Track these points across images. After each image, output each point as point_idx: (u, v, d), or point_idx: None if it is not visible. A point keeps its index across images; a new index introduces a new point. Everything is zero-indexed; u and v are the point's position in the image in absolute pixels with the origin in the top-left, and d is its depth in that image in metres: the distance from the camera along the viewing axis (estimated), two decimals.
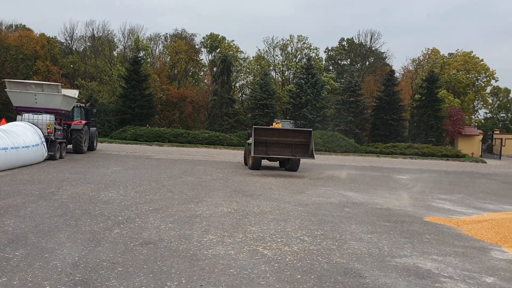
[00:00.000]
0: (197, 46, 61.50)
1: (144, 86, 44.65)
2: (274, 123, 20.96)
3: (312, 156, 18.02)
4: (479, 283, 5.63)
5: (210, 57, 63.18)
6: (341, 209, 10.72)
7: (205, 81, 64.66)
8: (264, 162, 20.68)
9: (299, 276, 5.52)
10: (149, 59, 57.51)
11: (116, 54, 57.99)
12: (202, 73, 66.23)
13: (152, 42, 60.65)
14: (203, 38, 61.35)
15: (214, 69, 55.87)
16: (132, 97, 42.70)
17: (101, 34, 56.55)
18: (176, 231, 7.48)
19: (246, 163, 20.94)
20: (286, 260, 6.16)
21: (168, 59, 59.94)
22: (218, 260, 5.99)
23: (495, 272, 6.14)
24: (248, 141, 21.43)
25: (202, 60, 62.87)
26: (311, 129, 19.00)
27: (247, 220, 8.70)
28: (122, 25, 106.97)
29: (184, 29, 64.54)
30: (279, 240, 7.27)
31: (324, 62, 65.06)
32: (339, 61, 70.00)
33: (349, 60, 68.63)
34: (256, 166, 18.86)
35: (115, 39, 57.67)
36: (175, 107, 51.25)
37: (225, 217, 8.83)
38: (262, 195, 12.15)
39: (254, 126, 18.73)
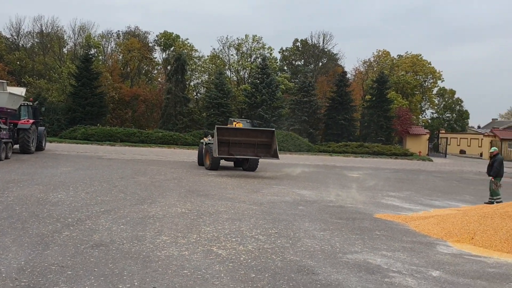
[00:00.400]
0: (150, 44, 60.45)
1: (96, 84, 43.42)
2: (234, 123, 20.55)
3: (276, 156, 17.92)
4: (425, 277, 5.86)
5: (164, 55, 62.30)
6: (295, 207, 10.87)
7: (159, 79, 63.66)
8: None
9: (254, 275, 5.55)
10: (100, 57, 55.95)
11: (66, 51, 56.02)
12: (155, 71, 65.22)
13: (104, 39, 59.03)
14: (157, 36, 60.40)
15: (168, 67, 55.12)
16: (83, 96, 41.43)
17: (50, 30, 54.47)
18: (128, 233, 7.33)
19: (200, 163, 20.62)
20: (240, 260, 6.18)
21: (120, 57, 58.58)
22: (172, 261, 5.92)
23: (441, 266, 6.42)
24: (202, 141, 21.18)
25: (155, 58, 61.92)
26: (273, 129, 18.88)
27: (202, 220, 8.66)
28: (73, 22, 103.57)
29: (137, 26, 63.07)
30: (234, 239, 7.28)
31: (278, 62, 65.64)
32: (293, 62, 70.82)
33: (303, 60, 69.56)
34: (215, 166, 18.57)
35: (65, 36, 55.72)
36: (128, 106, 50.14)
37: (179, 218, 8.74)
38: (217, 194, 12.12)
39: (217, 126, 18.23)
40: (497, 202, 12.44)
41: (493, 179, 13.08)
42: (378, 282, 5.55)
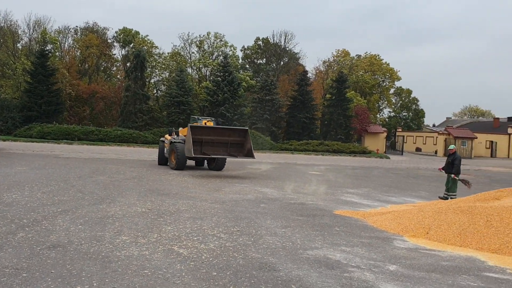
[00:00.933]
0: (109, 41, 59.09)
1: (52, 81, 42.05)
2: (204, 121, 19.63)
3: (251, 155, 17.43)
4: (383, 271, 6.04)
5: (123, 52, 61.13)
6: (257, 205, 10.92)
7: (118, 76, 62.36)
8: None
9: (215, 273, 5.56)
10: (57, 53, 54.23)
11: (20, 47, 53.96)
12: (115, 68, 63.86)
13: (61, 35, 57.27)
14: (116, 32, 59.14)
15: (128, 64, 54.09)
16: (39, 93, 40.02)
17: (3, 25, 52.29)
18: (86, 233, 7.17)
19: (161, 163, 20.22)
20: (202, 258, 6.17)
21: (78, 53, 56.99)
22: (132, 261, 5.84)
23: (397, 260, 6.62)
24: (162, 139, 20.74)
25: (115, 55, 60.64)
26: (247, 128, 18.45)
27: (162, 219, 8.57)
28: (27, 16, 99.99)
29: (95, 22, 61.88)
30: (195, 238, 7.26)
31: (240, 60, 65.68)
32: (255, 60, 71.02)
33: (264, 59, 69.87)
34: (181, 166, 18.07)
35: (19, 31, 53.65)
36: (86, 103, 48.87)
37: (139, 217, 8.62)
38: (178, 193, 12.02)
39: (190, 124, 17.36)
40: (451, 198, 12.94)
41: (455, 177, 13.57)
42: (337, 277, 5.67)
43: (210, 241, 7.10)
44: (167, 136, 20.48)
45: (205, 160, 20.03)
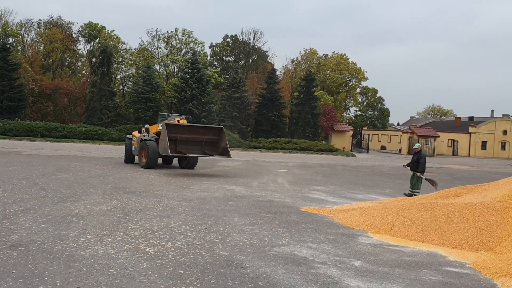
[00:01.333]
0: (74, 35, 57.73)
1: (14, 76, 40.75)
2: (177, 119, 18.74)
3: (227, 154, 17.25)
4: (348, 267, 6.15)
5: (88, 47, 59.84)
6: (225, 202, 10.91)
7: (83, 72, 60.98)
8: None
9: (182, 272, 5.53)
10: (19, 47, 52.57)
11: None
12: (80, 63, 62.41)
13: (24, 28, 55.54)
14: (81, 26, 57.84)
15: (93, 59, 52.95)
16: (0, 88, 38.67)
17: None
18: (50, 232, 7.00)
19: (128, 161, 19.60)
20: (168, 257, 6.12)
21: (41, 48, 55.39)
22: (97, 260, 5.75)
23: (362, 256, 6.76)
24: (129, 136, 20.24)
25: (80, 50, 59.31)
26: (222, 127, 18.18)
27: (128, 217, 8.45)
28: None
29: (60, 16, 60.16)
30: (162, 236, 7.19)
31: (209, 57, 65.35)
32: (224, 57, 70.81)
33: (233, 56, 69.76)
34: (153, 164, 17.62)
35: None
36: (49, 99, 47.57)
37: (104, 216, 8.48)
38: (145, 191, 11.88)
39: (165, 122, 16.91)
40: (415, 195, 13.29)
41: (421, 175, 13.91)
42: (303, 273, 5.75)
43: (177, 239, 7.05)
44: (135, 133, 19.85)
45: (176, 158, 19.67)
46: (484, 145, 56.75)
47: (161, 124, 18.12)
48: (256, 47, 67.38)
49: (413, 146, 15.12)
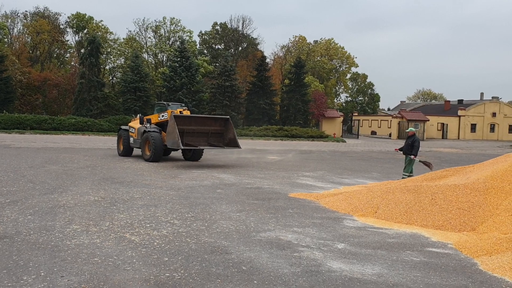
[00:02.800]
0: (62, 26, 57.12)
1: (1, 68, 40.27)
2: (179, 110, 17.38)
3: (235, 145, 16.77)
4: (331, 249, 6.24)
5: (76, 38, 59.29)
6: (213, 190, 10.96)
7: (72, 63, 60.41)
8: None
9: (167, 259, 5.58)
10: (6, 39, 51.88)
11: None
12: (68, 55, 61.80)
13: (10, 20, 54.79)
14: (69, 17, 57.26)
15: (82, 50, 52.45)
16: None
17: None
18: (36, 223, 7.02)
19: (124, 154, 18.61)
20: (154, 245, 6.17)
21: (29, 40, 54.73)
22: (82, 250, 5.78)
23: (346, 238, 6.85)
24: (124, 127, 19.24)
25: (68, 41, 58.74)
26: (228, 117, 17.51)
27: (115, 207, 8.48)
28: None
29: (46, 7, 59.29)
30: (148, 225, 7.23)
31: (198, 46, 64.93)
32: (213, 45, 70.37)
33: (223, 44, 69.34)
34: (158, 157, 16.78)
35: None
36: (38, 92, 47.13)
37: (91, 206, 8.50)
38: (133, 181, 11.89)
39: (173, 114, 16.05)
40: (403, 178, 13.42)
41: (414, 158, 14.05)
42: (287, 257, 5.82)
43: (163, 228, 7.10)
44: (133, 124, 18.72)
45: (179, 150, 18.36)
46: (473, 127, 57.18)
47: (162, 114, 17.59)
48: (246, 34, 67.05)
49: (406, 130, 15.22)
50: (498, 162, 9.58)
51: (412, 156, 14.00)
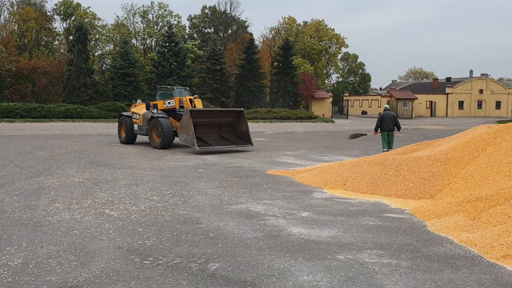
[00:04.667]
0: (49, 13, 56.77)
1: None
2: (187, 97, 16.63)
3: (247, 141, 16.31)
4: (295, 217, 6.74)
5: (64, 25, 59.01)
6: (195, 170, 11.41)
7: (61, 51, 60.18)
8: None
9: (141, 229, 6.05)
10: None
11: None
12: (57, 42, 61.53)
13: None
14: (56, 4, 56.92)
15: (70, 37, 52.30)
16: None
17: None
18: (21, 203, 7.45)
19: (127, 141, 17.91)
20: (131, 218, 6.63)
21: (16, 28, 54.43)
22: (63, 224, 6.24)
23: (311, 208, 7.35)
24: (126, 114, 18.48)
25: (56, 28, 58.42)
26: (242, 109, 16.91)
27: (98, 187, 8.92)
28: None
29: None
30: (128, 202, 7.69)
31: (188, 30, 64.85)
32: (203, 29, 70.19)
33: (212, 28, 69.19)
34: (168, 143, 16.33)
35: None
36: (27, 80, 47.13)
37: (75, 187, 8.93)
38: (118, 164, 12.31)
39: (189, 109, 15.27)
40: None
41: (375, 133, 14.66)
42: (253, 224, 6.31)
43: (141, 203, 7.56)
44: (137, 110, 17.95)
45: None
46: (461, 105, 57.79)
47: (168, 101, 16.97)
48: (235, 17, 66.95)
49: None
50: (465, 135, 10.07)
51: (374, 132, 14.71)
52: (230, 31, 68.32)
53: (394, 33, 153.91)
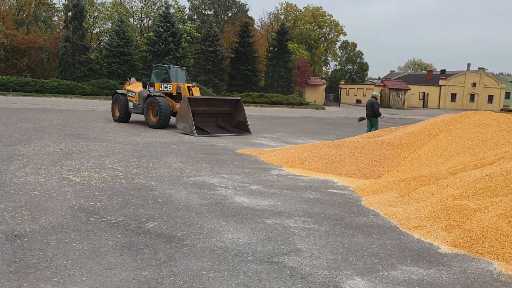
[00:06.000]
0: None
1: None
2: (187, 84, 16.58)
3: (245, 129, 16.21)
4: (244, 189, 7.24)
5: (63, 1, 58.99)
6: (168, 146, 11.89)
7: (60, 27, 60.15)
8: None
9: (97, 193, 6.55)
10: None
11: None
12: (56, 18, 61.50)
13: None
14: None
15: (69, 14, 52.34)
16: None
17: None
18: None
19: (121, 119, 17.71)
20: (91, 184, 7.13)
21: (14, 2, 54.36)
22: (26, 186, 6.73)
23: (263, 182, 7.86)
24: (121, 92, 18.06)
25: (55, 4, 58.38)
26: (239, 98, 16.91)
27: (70, 157, 9.41)
28: None
29: None
30: (93, 170, 8.18)
31: (188, 11, 64.82)
32: (204, 11, 70.06)
33: (213, 10, 69.06)
34: (165, 122, 16.16)
35: None
36: (24, 55, 47.28)
37: (48, 155, 9.42)
38: (96, 137, 12.78)
39: (187, 97, 15.16)
40: None
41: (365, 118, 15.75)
42: (202, 193, 6.82)
43: (105, 172, 8.05)
44: (132, 88, 17.62)
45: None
46: (453, 97, 58.19)
47: (165, 85, 16.80)
48: (236, 0, 66.86)
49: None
50: (424, 122, 10.56)
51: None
52: (230, 14, 68.24)
53: (397, 23, 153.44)
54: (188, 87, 16.45)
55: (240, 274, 3.97)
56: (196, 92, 16.67)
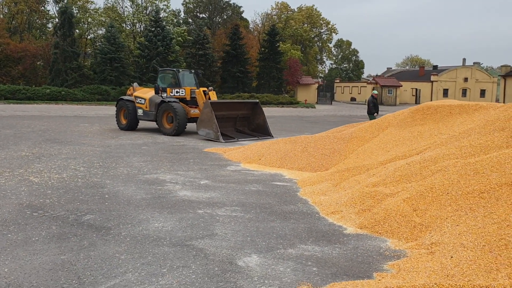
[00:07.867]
0: None
1: None
2: (202, 88, 16.22)
3: (266, 133, 15.87)
4: (192, 184, 7.69)
5: (56, 8, 59.48)
6: (139, 147, 12.32)
7: (52, 34, 60.77)
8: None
9: (50, 191, 7.01)
10: None
11: None
12: (50, 25, 62.09)
13: None
14: None
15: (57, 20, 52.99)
16: None
17: None
18: None
19: (129, 127, 16.95)
20: (48, 184, 7.58)
21: (6, 11, 55.02)
22: None
23: (214, 177, 8.30)
24: (127, 98, 17.33)
25: (49, 11, 59.00)
26: (257, 101, 16.59)
27: (38, 160, 9.87)
28: None
29: None
30: (55, 171, 8.64)
31: (182, 15, 65.43)
32: (198, 14, 70.62)
33: (207, 13, 69.65)
34: (182, 129, 15.63)
35: None
36: (18, 63, 47.88)
37: (18, 159, 9.88)
38: (72, 141, 13.24)
39: (210, 101, 14.75)
40: None
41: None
42: (150, 189, 7.27)
43: (65, 173, 8.50)
44: (141, 94, 16.92)
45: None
46: (445, 92, 58.50)
47: (176, 90, 16.24)
48: (229, 1, 67.45)
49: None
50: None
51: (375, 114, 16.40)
52: (225, 17, 68.83)
53: (394, 20, 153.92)
54: (204, 91, 15.98)
55: (149, 255, 4.43)
56: (213, 96, 16.09)
